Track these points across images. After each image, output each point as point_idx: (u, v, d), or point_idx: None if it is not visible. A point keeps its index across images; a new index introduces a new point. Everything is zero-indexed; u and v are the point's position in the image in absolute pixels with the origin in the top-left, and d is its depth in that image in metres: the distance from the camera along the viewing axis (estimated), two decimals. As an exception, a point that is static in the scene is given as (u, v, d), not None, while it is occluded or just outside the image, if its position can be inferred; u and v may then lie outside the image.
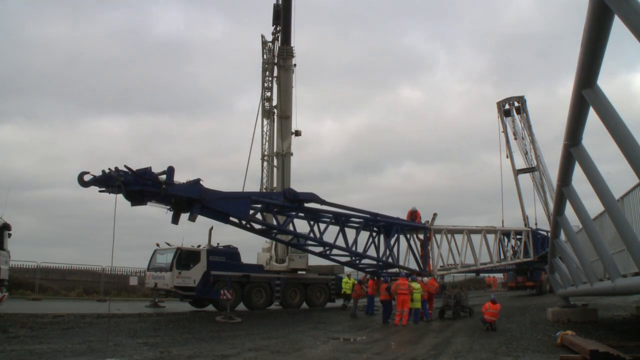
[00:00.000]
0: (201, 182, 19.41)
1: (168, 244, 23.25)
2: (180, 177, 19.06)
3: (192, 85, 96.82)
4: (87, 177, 17.36)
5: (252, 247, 28.14)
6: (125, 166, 17.27)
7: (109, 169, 17.36)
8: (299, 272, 26.70)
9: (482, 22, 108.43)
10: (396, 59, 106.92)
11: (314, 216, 22.91)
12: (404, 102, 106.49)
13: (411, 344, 14.20)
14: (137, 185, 17.49)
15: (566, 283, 19.36)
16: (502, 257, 32.33)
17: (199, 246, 23.69)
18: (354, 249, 23.92)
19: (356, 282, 24.08)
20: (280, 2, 28.60)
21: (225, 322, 18.43)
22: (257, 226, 22.16)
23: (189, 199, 19.00)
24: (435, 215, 27.27)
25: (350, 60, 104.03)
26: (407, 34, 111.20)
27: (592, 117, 9.80)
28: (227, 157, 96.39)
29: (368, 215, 24.46)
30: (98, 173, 17.63)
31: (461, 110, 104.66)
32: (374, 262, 25.32)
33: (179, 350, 12.35)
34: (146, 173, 17.87)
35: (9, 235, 18.26)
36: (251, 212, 21.17)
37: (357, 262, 25.11)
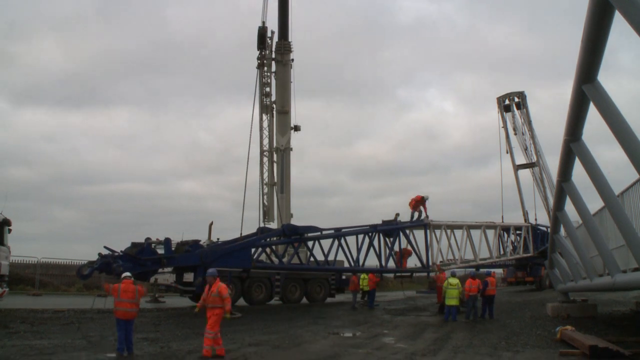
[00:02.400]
0: (201, 242, 19.55)
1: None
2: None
3: (368, 73, 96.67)
4: (86, 271, 17.19)
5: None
6: (105, 247, 17.53)
7: (105, 246, 17.64)
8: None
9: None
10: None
11: (314, 240, 23.02)
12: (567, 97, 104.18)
13: (411, 339, 14.23)
14: (138, 268, 17.39)
15: (566, 278, 19.38)
16: (502, 252, 32.36)
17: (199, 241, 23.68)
18: (353, 263, 23.83)
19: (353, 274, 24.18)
20: (265, 24, 28.36)
21: (224, 317, 18.43)
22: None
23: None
24: (425, 198, 26.83)
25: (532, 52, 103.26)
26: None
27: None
28: (351, 147, 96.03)
29: (367, 227, 24.41)
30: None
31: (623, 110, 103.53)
32: (376, 269, 25.42)
33: (179, 345, 12.37)
34: (143, 251, 17.74)
35: (9, 231, 18.30)
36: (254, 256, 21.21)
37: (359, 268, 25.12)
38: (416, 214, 26.80)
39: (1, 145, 76.50)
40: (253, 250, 20.97)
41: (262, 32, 28.68)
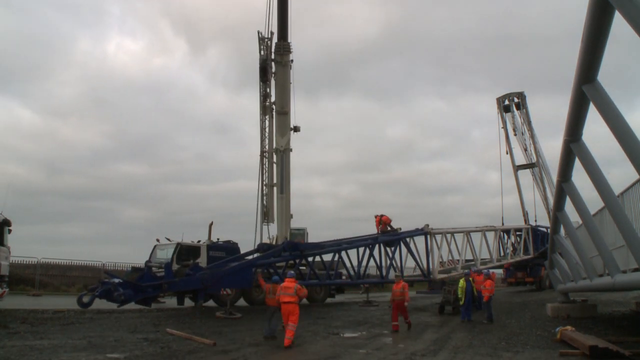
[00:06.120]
0: (198, 263, 19.71)
1: (168, 239, 23.23)
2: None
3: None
4: (86, 299, 17.11)
5: (252, 242, 28.08)
6: (105, 271, 17.16)
7: (105, 271, 17.24)
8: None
9: None
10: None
11: (314, 255, 23.04)
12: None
13: (411, 339, 14.23)
14: (139, 295, 17.37)
15: (566, 279, 19.38)
16: (502, 254, 32.38)
17: (199, 241, 23.68)
18: (354, 273, 23.76)
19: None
20: (264, 54, 28.08)
21: (225, 318, 18.45)
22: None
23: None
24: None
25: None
26: None
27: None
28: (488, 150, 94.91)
29: (368, 240, 24.39)
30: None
31: None
32: (377, 280, 25.44)
33: (179, 345, 12.37)
34: (143, 277, 17.75)
35: (9, 231, 18.32)
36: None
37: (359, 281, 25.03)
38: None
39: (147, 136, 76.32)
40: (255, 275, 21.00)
41: (264, 65, 28.16)
